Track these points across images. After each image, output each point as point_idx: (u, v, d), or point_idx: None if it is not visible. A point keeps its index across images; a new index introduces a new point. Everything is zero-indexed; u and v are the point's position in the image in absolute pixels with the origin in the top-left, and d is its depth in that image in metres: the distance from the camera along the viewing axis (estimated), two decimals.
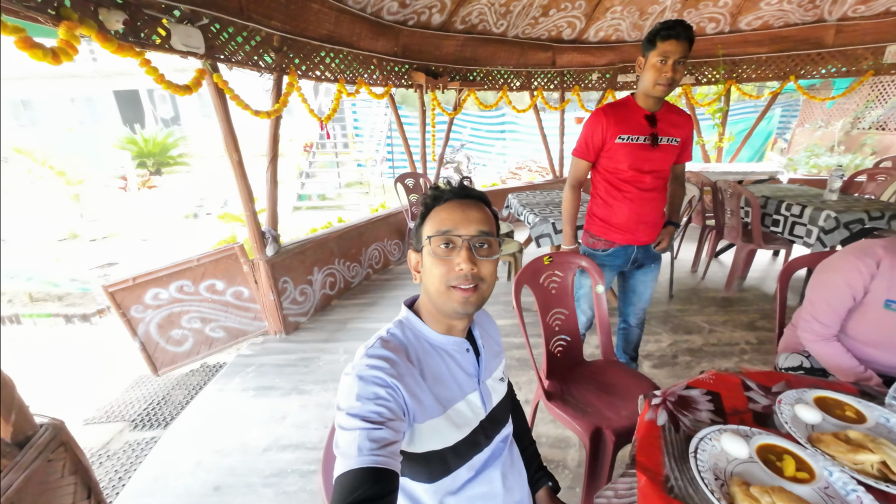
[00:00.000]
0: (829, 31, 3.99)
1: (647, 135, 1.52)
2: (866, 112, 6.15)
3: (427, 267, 0.75)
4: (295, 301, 2.82)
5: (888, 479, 0.75)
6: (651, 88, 1.46)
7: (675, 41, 1.36)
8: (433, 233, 0.73)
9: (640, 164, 1.55)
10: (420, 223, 0.78)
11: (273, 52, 2.52)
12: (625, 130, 1.52)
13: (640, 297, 1.82)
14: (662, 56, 1.38)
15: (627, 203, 1.61)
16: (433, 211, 0.76)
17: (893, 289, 1.16)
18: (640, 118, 1.53)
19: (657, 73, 1.41)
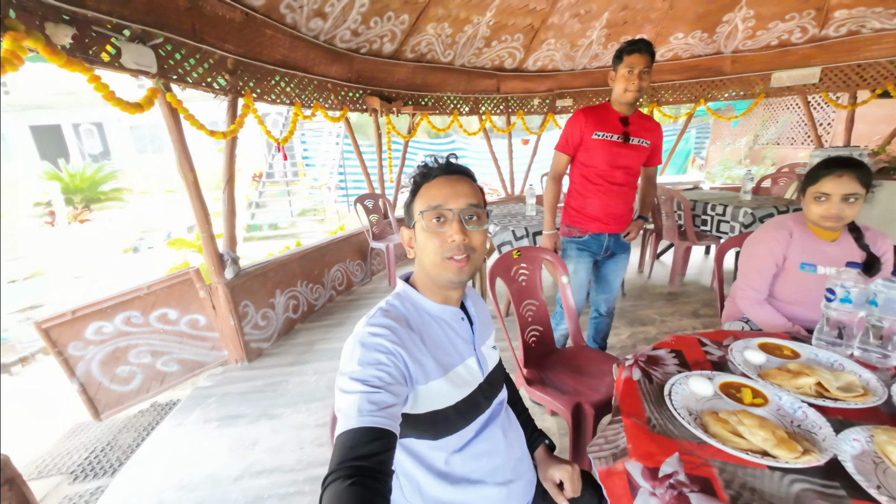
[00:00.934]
0: (727, 61, 4.67)
1: (619, 133, 1.73)
2: (763, 130, 7.16)
3: (421, 241, 0.78)
4: (257, 326, 2.69)
5: (823, 395, 0.89)
6: (622, 95, 1.67)
7: (638, 54, 1.60)
8: (425, 208, 0.77)
9: (613, 160, 1.74)
10: (411, 200, 0.82)
11: (227, 75, 2.51)
12: (600, 128, 1.72)
13: (610, 285, 1.98)
14: (629, 67, 1.61)
15: (599, 195, 1.79)
16: (423, 188, 0.80)
17: (805, 253, 1.37)
18: (614, 119, 1.74)
19: (626, 81, 1.64)
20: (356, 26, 3.29)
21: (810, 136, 6.69)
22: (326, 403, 2.13)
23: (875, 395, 0.86)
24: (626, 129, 1.74)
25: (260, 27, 2.65)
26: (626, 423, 0.86)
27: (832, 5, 3.82)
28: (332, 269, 3.56)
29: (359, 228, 4.02)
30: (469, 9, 3.74)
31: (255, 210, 7.31)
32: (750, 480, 0.70)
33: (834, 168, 1.26)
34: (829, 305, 1.07)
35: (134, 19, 1.88)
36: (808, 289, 1.36)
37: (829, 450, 0.73)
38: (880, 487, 0.66)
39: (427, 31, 3.76)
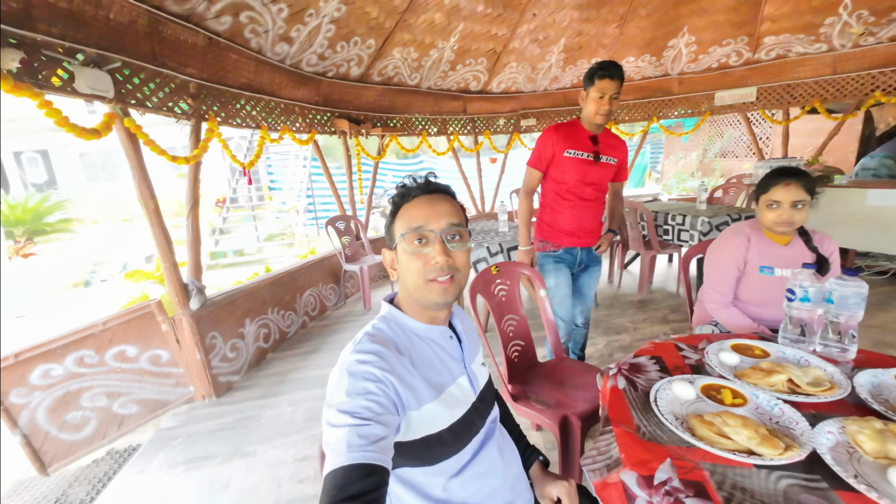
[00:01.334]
0: (675, 83, 5.03)
1: (590, 152, 1.78)
2: (711, 145, 7.71)
3: (403, 263, 0.77)
4: (225, 358, 2.55)
5: (795, 391, 0.93)
6: (592, 117, 1.72)
7: (610, 80, 1.63)
8: (406, 230, 0.75)
9: (584, 177, 1.79)
10: (391, 221, 0.80)
11: (190, 99, 2.44)
12: (572, 146, 1.76)
13: (585, 297, 2.03)
14: (601, 92, 1.65)
15: (571, 210, 1.84)
16: (402, 208, 0.78)
17: (762, 257, 1.47)
18: (585, 137, 1.78)
19: (597, 105, 1.68)
20: (323, 50, 3.31)
21: (753, 150, 7.25)
22: (304, 436, 2.02)
23: (841, 388, 0.92)
24: (597, 148, 1.79)
25: (224, 51, 2.61)
26: (616, 432, 0.86)
27: (762, 32, 4.23)
28: (304, 294, 3.46)
29: (331, 251, 3.94)
30: (433, 34, 3.86)
31: (219, 236, 7.04)
32: (740, 480, 0.72)
33: (782, 178, 1.37)
34: (791, 305, 1.13)
35: (89, 43, 1.81)
36: (768, 290, 1.45)
37: (808, 444, 0.76)
38: (857, 476, 0.69)
39: (393, 55, 3.84)
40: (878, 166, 4.47)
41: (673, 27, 4.45)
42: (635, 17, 4.39)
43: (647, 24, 4.46)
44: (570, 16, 4.24)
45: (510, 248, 2.77)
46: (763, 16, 4.08)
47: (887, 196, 3.40)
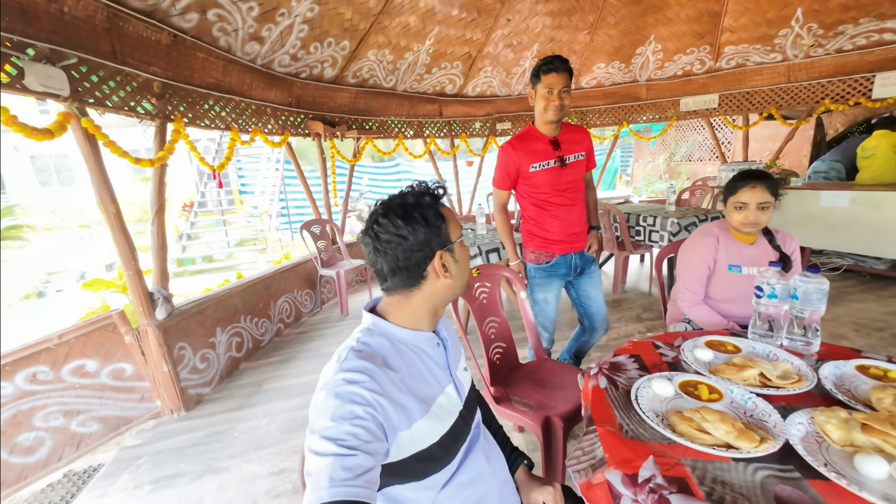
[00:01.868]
0: (643, 89, 5.21)
1: (555, 158, 1.68)
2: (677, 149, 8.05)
3: (464, 259, 0.82)
4: (195, 370, 2.43)
5: (766, 384, 0.97)
6: (543, 114, 1.64)
7: (556, 73, 1.57)
8: (461, 229, 0.82)
9: (557, 185, 1.71)
10: (443, 220, 0.77)
11: (154, 99, 2.34)
12: (535, 159, 1.67)
13: (594, 299, 1.89)
14: (548, 88, 1.59)
15: (556, 219, 1.76)
16: (444, 209, 0.80)
17: (730, 256, 1.53)
18: (545, 145, 1.68)
19: (545, 101, 1.61)
20: (295, 51, 3.24)
21: (716, 154, 7.61)
22: (280, 449, 1.95)
23: (808, 380, 0.96)
24: (560, 152, 1.70)
25: (190, 50, 2.51)
26: (600, 431, 0.87)
27: (722, 42, 4.44)
28: (278, 300, 3.35)
29: (306, 256, 3.85)
30: (409, 37, 3.85)
31: (186, 242, 6.75)
32: (720, 474, 0.73)
33: (748, 180, 1.44)
34: (759, 301, 1.18)
35: (40, 38, 1.70)
36: (736, 288, 1.51)
37: (781, 435, 0.79)
38: (827, 465, 0.72)
39: (368, 57, 3.80)
40: (829, 169, 4.77)
41: (640, 35, 4.62)
42: (604, 25, 4.52)
43: (616, 33, 4.61)
44: (543, 22, 4.33)
45: (489, 251, 2.78)
46: (723, 26, 4.29)
47: (837, 197, 3.63)
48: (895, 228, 3.31)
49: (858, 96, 4.08)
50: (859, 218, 3.51)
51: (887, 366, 1.00)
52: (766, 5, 3.95)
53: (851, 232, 3.57)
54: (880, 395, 0.86)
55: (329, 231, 4.02)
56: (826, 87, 4.24)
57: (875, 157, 4.09)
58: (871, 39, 3.85)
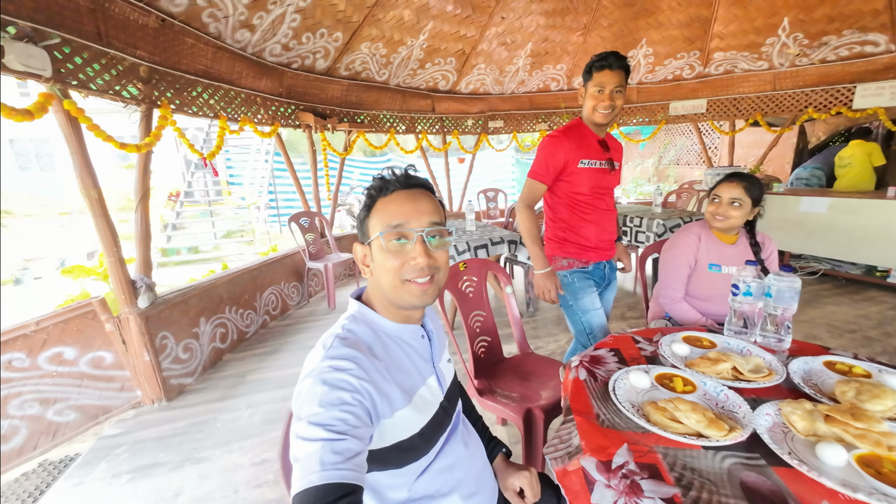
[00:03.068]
0: (634, 92, 5.28)
1: (604, 160, 1.56)
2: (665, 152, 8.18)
3: (379, 261, 0.72)
4: (178, 359, 2.40)
5: (738, 378, 1.00)
6: (591, 114, 1.50)
7: (609, 71, 1.42)
8: (384, 227, 0.71)
9: (600, 188, 1.58)
10: (366, 215, 0.75)
11: (141, 83, 2.29)
12: (585, 155, 1.52)
13: (607, 308, 1.81)
14: (599, 86, 1.45)
15: (593, 224, 1.61)
16: (379, 202, 0.74)
17: (711, 255, 1.57)
18: (595, 143, 1.55)
19: (595, 100, 1.47)
20: (287, 41, 3.20)
21: (703, 158, 7.74)
22: (263, 439, 1.94)
23: (777, 375, 1.00)
24: (609, 155, 1.58)
25: (178, 35, 2.47)
26: (577, 420, 0.89)
27: (711, 48, 4.52)
28: (264, 292, 3.33)
29: (294, 248, 3.82)
30: (403, 31, 3.83)
31: (171, 232, 6.63)
32: (689, 461, 0.76)
33: (730, 177, 1.49)
34: (735, 299, 1.22)
35: (21, 15, 1.65)
36: (715, 286, 1.55)
37: (749, 425, 0.82)
38: (791, 453, 0.75)
39: (361, 49, 3.78)
40: (810, 176, 4.90)
41: (632, 39, 4.67)
42: (597, 27, 4.56)
43: (609, 35, 4.65)
44: (537, 21, 4.35)
45: (477, 247, 2.80)
46: (713, 32, 4.36)
47: (816, 203, 3.74)
48: (870, 234, 3.42)
49: (840, 106, 4.19)
50: (837, 224, 3.62)
51: (853, 362, 1.05)
52: (755, 13, 4.03)
53: (829, 237, 3.68)
54: (844, 388, 0.90)
55: (318, 224, 3.99)
56: (810, 95, 4.35)
57: (851, 167, 4.22)
58: (854, 51, 3.96)
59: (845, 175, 4.27)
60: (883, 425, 0.76)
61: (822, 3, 3.72)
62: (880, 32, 3.73)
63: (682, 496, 0.68)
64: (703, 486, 0.70)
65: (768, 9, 3.95)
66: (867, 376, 0.99)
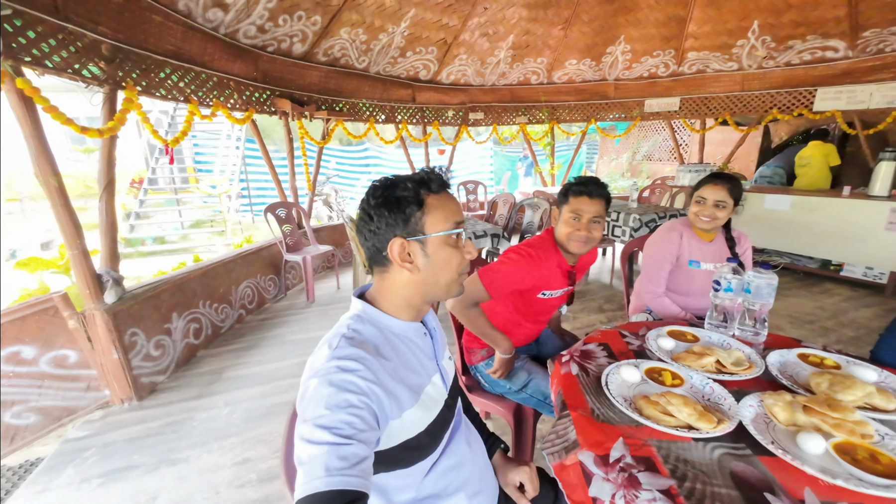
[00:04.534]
0: (611, 87, 5.37)
1: (564, 287, 1.42)
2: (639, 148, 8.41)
3: (443, 257, 0.73)
4: (149, 357, 2.29)
5: (721, 371, 1.05)
6: (566, 242, 1.34)
7: (588, 199, 1.29)
8: (451, 225, 0.73)
9: (550, 309, 1.48)
10: (418, 209, 0.71)
11: (103, 62, 2.13)
12: (547, 287, 1.37)
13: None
14: (575, 213, 1.30)
15: (529, 327, 1.50)
16: (433, 199, 0.72)
17: (692, 252, 1.62)
18: (563, 274, 1.39)
19: (571, 228, 1.32)
20: (262, 22, 3.06)
21: (674, 155, 8.01)
22: (244, 438, 1.89)
23: (757, 367, 1.05)
24: (572, 286, 1.45)
25: (145, 11, 2.31)
26: (573, 416, 0.91)
27: (686, 47, 4.65)
28: (240, 285, 3.21)
29: (270, 240, 3.70)
30: (384, 18, 3.73)
31: (134, 222, 6.28)
32: (682, 453, 0.79)
33: (713, 179, 1.54)
34: (717, 294, 1.27)
35: None
36: (695, 282, 1.61)
37: (735, 417, 0.86)
38: (774, 442, 0.79)
39: (341, 35, 3.66)
40: (773, 174, 5.16)
41: (611, 35, 4.74)
42: (578, 22, 4.60)
43: (589, 30, 4.70)
44: (519, 13, 4.33)
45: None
46: (688, 32, 4.48)
47: (779, 201, 3.94)
48: (827, 231, 3.65)
49: (802, 108, 4.42)
50: (797, 220, 3.84)
51: (824, 354, 1.12)
52: (728, 15, 4.17)
53: (790, 233, 3.90)
54: (818, 380, 0.96)
55: (295, 215, 3.88)
56: (775, 97, 4.55)
57: (810, 166, 4.47)
58: (816, 56, 4.17)
59: (805, 174, 4.52)
60: (855, 414, 0.82)
61: (789, 8, 3.88)
62: (840, 39, 3.94)
63: (677, 487, 0.71)
64: (696, 478, 0.73)
65: (740, 11, 4.09)
66: (837, 367, 1.05)
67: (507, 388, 1.41)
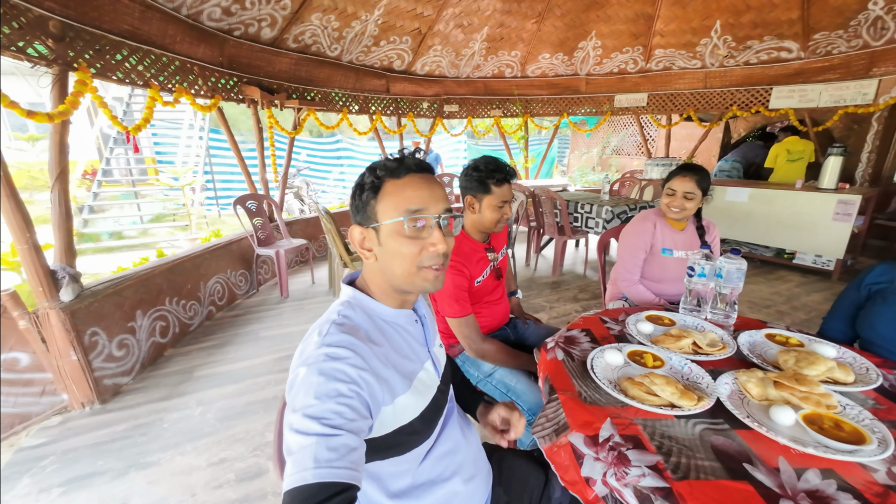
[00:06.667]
0: (583, 82, 5.48)
1: (489, 264, 1.49)
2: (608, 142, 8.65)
3: (393, 247, 0.69)
4: (112, 357, 2.16)
5: (698, 352, 1.10)
6: (492, 226, 1.43)
7: (508, 185, 1.40)
8: (403, 212, 0.68)
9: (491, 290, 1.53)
10: (373, 196, 0.71)
11: (51, 41, 1.97)
12: (478, 272, 1.45)
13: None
14: (501, 200, 1.40)
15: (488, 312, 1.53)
16: (390, 184, 0.70)
17: (665, 240, 1.69)
18: (482, 255, 1.47)
19: (499, 213, 1.41)
20: (228, 4, 2.91)
21: (642, 149, 8.29)
22: (219, 438, 1.82)
23: (730, 348, 1.11)
24: (494, 257, 1.53)
25: None
26: (562, 399, 0.93)
27: (653, 44, 4.80)
28: (209, 281, 3.07)
29: (240, 233, 3.56)
30: (356, 4, 3.64)
31: (88, 216, 5.87)
32: (666, 430, 0.82)
33: (682, 171, 1.60)
34: (691, 280, 1.33)
35: None
36: (668, 269, 1.68)
37: (713, 394, 0.90)
38: (749, 416, 0.84)
39: (312, 21, 3.53)
40: (731, 168, 5.44)
41: (583, 30, 4.82)
42: (551, 16, 4.65)
43: (562, 24, 4.76)
44: (494, 5, 4.33)
45: None
46: (655, 30, 4.62)
47: (739, 193, 4.16)
48: (781, 221, 3.89)
49: (759, 105, 4.67)
50: (755, 212, 4.07)
51: (788, 333, 1.19)
52: (692, 14, 4.33)
53: (748, 224, 4.13)
54: (785, 357, 1.02)
55: (266, 208, 3.74)
56: (735, 94, 4.79)
57: (802, 160, 4.57)
58: (772, 56, 4.41)
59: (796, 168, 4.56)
60: (820, 387, 0.88)
61: (748, 9, 4.07)
62: (793, 40, 4.18)
63: (664, 462, 0.74)
64: (681, 452, 0.76)
65: (704, 10, 4.26)
66: (801, 346, 1.13)
67: (476, 375, 1.44)
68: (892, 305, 1.18)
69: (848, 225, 3.50)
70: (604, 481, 0.73)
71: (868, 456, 0.72)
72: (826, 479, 0.69)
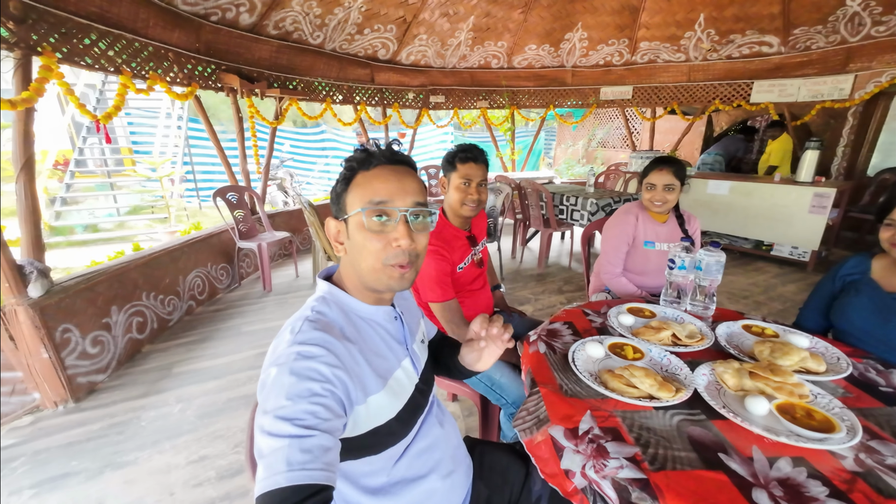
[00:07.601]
0: (569, 74, 5.47)
1: (470, 253, 1.49)
2: (594, 135, 8.70)
3: (358, 241, 0.68)
4: (85, 355, 2.09)
5: (677, 343, 1.11)
6: (460, 208, 1.42)
7: (475, 164, 1.38)
8: (366, 203, 0.66)
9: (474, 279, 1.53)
10: (344, 189, 0.70)
11: (11, 23, 1.86)
12: (460, 260, 1.44)
13: None
14: (465, 178, 1.39)
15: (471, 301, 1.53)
16: (360, 176, 0.69)
17: (647, 233, 1.70)
18: (464, 242, 1.47)
19: (463, 193, 1.40)
20: None
21: (627, 142, 8.36)
22: (199, 435, 1.79)
23: (708, 339, 1.12)
24: (480, 252, 1.54)
25: None
26: (542, 392, 0.93)
27: (639, 37, 4.81)
28: (188, 275, 3.00)
29: (221, 226, 3.47)
30: None
31: (60, 208, 5.66)
32: (644, 422, 0.83)
33: (658, 164, 1.62)
34: (672, 272, 1.34)
35: None
36: (650, 261, 1.70)
37: (691, 385, 0.91)
38: (725, 407, 0.85)
39: (293, 6, 3.43)
40: (713, 162, 5.53)
41: (569, 21, 4.80)
42: (538, 7, 4.62)
43: (548, 15, 4.73)
44: None
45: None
46: (640, 22, 4.64)
47: (720, 186, 4.23)
48: (760, 214, 3.98)
49: (740, 99, 4.74)
50: (735, 204, 4.15)
51: (763, 324, 1.21)
52: (677, 7, 4.35)
53: (728, 216, 4.22)
54: (761, 348, 1.04)
55: (248, 200, 3.66)
56: (717, 88, 4.85)
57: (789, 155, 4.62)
58: (753, 50, 4.47)
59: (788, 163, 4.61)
60: (794, 377, 0.90)
61: (731, 3, 4.11)
62: (774, 35, 4.24)
63: (642, 454, 0.75)
64: (658, 443, 0.77)
65: (688, 3, 4.28)
66: (776, 336, 1.15)
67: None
68: (865, 296, 1.21)
69: (823, 217, 3.60)
70: (583, 473, 0.74)
71: (837, 444, 0.73)
72: (797, 467, 0.71)
